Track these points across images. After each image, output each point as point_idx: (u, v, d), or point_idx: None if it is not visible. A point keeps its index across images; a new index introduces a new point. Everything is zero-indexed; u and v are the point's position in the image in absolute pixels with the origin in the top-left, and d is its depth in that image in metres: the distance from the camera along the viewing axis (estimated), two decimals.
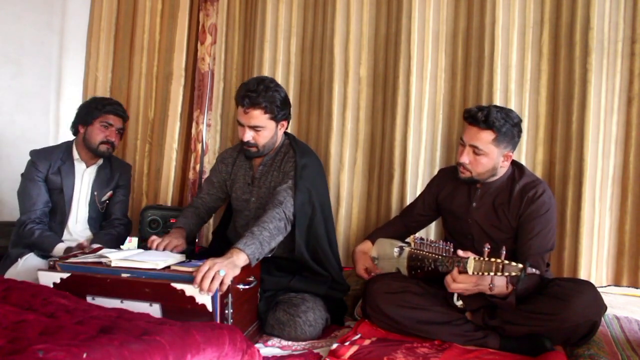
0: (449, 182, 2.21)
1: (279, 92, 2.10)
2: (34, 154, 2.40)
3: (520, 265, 1.60)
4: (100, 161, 2.49)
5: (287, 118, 2.18)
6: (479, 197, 2.09)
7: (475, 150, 1.97)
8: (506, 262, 1.61)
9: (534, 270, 1.62)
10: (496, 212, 2.04)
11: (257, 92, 2.04)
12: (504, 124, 1.94)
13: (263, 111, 2.06)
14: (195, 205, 2.35)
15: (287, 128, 2.24)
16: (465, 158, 2.00)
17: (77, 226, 2.44)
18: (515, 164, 2.11)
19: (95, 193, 2.46)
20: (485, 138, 1.95)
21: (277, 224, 1.95)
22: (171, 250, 2.00)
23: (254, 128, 2.09)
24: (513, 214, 2.01)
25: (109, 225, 2.49)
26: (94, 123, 2.39)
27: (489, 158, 1.98)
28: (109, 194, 2.51)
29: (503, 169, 2.04)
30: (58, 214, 2.40)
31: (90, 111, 2.40)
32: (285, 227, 1.99)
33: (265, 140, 2.12)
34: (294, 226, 2.05)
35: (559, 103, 2.45)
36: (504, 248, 1.64)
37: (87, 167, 2.46)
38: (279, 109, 2.09)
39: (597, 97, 2.36)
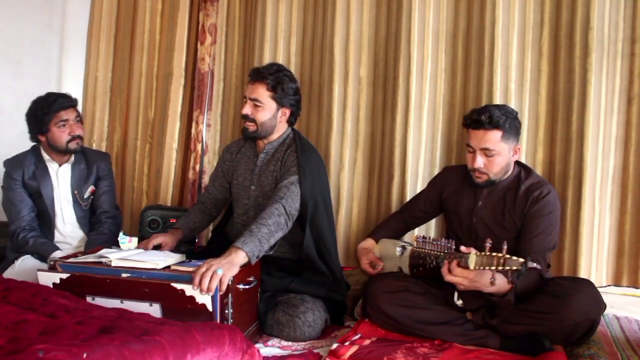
0: (454, 181, 2.21)
1: (289, 79, 2.14)
2: (7, 163, 2.37)
3: (522, 260, 1.60)
4: (72, 158, 2.43)
5: (291, 107, 2.18)
6: (485, 195, 2.09)
7: (487, 153, 1.99)
8: (507, 256, 1.62)
9: (534, 264, 1.62)
10: (502, 210, 2.05)
11: (267, 70, 2.12)
12: (506, 120, 1.98)
13: (266, 87, 2.10)
14: (202, 200, 2.35)
15: (288, 119, 2.22)
16: (480, 162, 2.01)
17: (67, 227, 2.42)
18: (521, 165, 2.13)
19: (76, 192, 2.42)
20: (494, 138, 1.98)
21: (276, 219, 1.94)
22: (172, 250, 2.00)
23: (254, 102, 2.11)
24: (518, 213, 2.02)
25: (98, 222, 2.45)
26: (51, 128, 2.30)
27: (502, 156, 2.01)
28: (90, 189, 2.45)
29: (512, 162, 2.07)
30: (44, 217, 2.38)
31: (40, 118, 2.29)
32: (285, 223, 1.98)
33: (262, 118, 2.13)
34: (300, 223, 2.05)
35: (559, 103, 2.45)
36: (505, 243, 1.65)
37: (60, 165, 2.41)
38: (284, 92, 2.11)
39: (597, 97, 2.36)
